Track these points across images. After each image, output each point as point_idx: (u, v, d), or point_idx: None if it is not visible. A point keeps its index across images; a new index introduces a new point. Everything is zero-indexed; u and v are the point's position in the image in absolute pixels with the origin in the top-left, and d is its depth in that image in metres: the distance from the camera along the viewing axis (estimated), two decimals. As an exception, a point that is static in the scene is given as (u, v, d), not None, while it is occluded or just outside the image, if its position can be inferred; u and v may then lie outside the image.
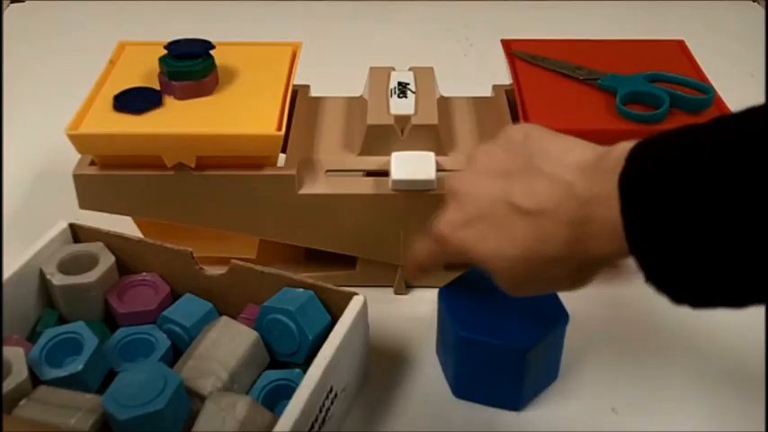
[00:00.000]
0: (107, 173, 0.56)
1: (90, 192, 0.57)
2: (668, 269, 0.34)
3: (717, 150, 0.32)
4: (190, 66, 0.57)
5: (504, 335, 0.49)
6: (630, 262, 0.37)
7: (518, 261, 0.40)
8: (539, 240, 0.39)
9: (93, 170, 0.56)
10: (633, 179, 0.34)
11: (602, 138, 0.55)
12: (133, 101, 0.56)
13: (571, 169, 0.38)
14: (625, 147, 0.36)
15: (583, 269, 0.39)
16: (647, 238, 0.34)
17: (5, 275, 0.50)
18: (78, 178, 0.56)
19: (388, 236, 0.58)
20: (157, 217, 0.58)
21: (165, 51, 0.58)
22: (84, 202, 0.57)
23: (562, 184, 0.38)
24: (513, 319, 0.50)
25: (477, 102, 0.65)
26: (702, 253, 0.32)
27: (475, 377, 0.51)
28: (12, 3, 1.09)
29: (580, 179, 0.37)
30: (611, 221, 0.35)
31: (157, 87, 0.58)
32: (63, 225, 0.55)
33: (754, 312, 0.59)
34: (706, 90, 0.56)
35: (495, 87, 0.66)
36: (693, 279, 0.33)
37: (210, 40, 0.59)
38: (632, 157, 0.35)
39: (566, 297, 0.52)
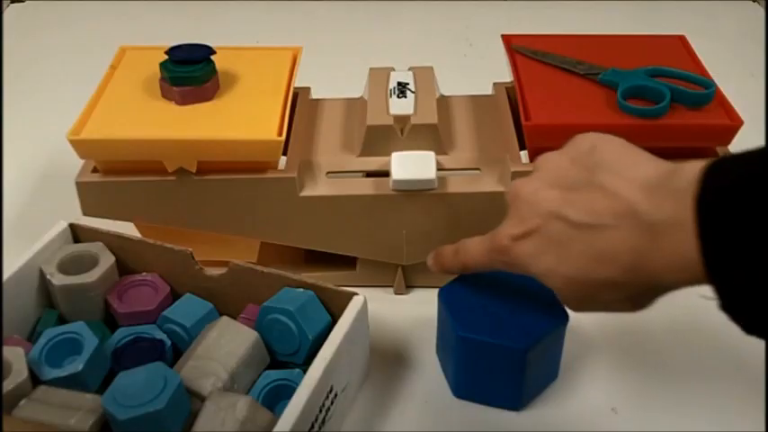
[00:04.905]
0: (109, 179, 0.56)
1: (93, 199, 0.57)
2: (749, 298, 0.30)
3: None
4: (191, 71, 0.57)
5: (504, 335, 0.49)
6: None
7: (573, 281, 0.38)
8: (596, 261, 0.36)
9: (95, 177, 0.56)
10: (713, 201, 0.31)
11: (603, 132, 0.55)
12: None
13: (633, 186, 0.35)
14: (695, 166, 0.33)
15: (646, 293, 0.37)
16: (729, 266, 0.31)
17: (5, 275, 0.50)
18: (81, 186, 0.56)
19: (388, 236, 0.58)
20: (159, 222, 0.58)
21: (166, 56, 0.58)
22: (88, 209, 0.57)
23: (623, 202, 0.35)
24: (513, 319, 0.50)
25: (477, 100, 0.65)
26: None
27: (475, 377, 0.51)
28: (12, 3, 1.09)
29: (644, 199, 0.35)
30: (683, 248, 0.32)
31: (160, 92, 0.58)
32: (63, 225, 0.55)
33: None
34: (707, 84, 0.56)
35: (495, 85, 0.66)
36: None
37: (210, 41, 0.59)
38: (708, 177, 0.32)
39: (566, 297, 0.52)
